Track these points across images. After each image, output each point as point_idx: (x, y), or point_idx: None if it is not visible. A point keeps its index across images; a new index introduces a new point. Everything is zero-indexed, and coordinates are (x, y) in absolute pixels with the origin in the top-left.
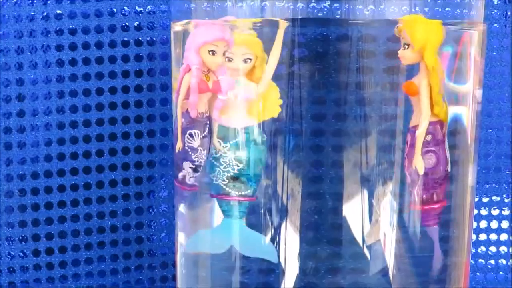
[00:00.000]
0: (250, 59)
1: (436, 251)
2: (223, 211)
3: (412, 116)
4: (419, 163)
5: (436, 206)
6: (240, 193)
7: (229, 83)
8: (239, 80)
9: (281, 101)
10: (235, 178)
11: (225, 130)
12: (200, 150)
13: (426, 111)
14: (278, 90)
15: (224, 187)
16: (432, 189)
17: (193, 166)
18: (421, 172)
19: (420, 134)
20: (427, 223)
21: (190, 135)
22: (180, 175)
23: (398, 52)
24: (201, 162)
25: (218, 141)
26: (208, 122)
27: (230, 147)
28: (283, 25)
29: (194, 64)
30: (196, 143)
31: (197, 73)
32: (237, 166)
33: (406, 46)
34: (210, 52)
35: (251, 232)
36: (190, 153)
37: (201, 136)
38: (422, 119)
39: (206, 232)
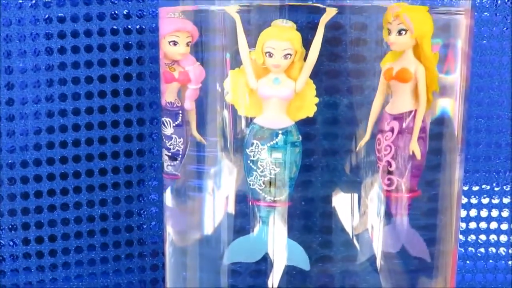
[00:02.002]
0: (290, 55)
1: (414, 240)
2: (260, 217)
3: (393, 103)
4: (417, 149)
5: (411, 194)
6: (275, 199)
7: (201, 73)
8: (278, 77)
9: (317, 99)
10: (271, 183)
11: (263, 131)
12: (175, 138)
13: (425, 97)
14: (315, 87)
15: (261, 192)
16: (415, 177)
17: (169, 154)
18: (419, 157)
19: (419, 120)
20: (400, 211)
21: (163, 123)
22: (164, 165)
23: (390, 37)
24: (178, 150)
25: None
26: (180, 112)
27: (268, 150)
28: (329, 13)
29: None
30: (168, 130)
31: (161, 64)
32: (274, 170)
33: (404, 32)
34: (171, 43)
35: (287, 240)
36: (165, 141)
37: (174, 125)
38: (421, 105)
39: (243, 240)
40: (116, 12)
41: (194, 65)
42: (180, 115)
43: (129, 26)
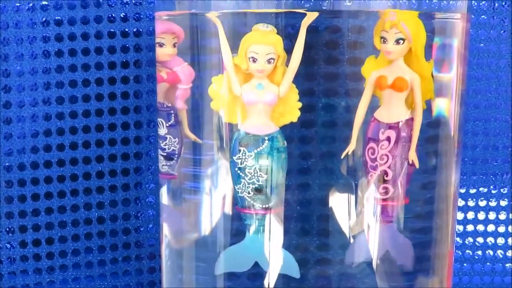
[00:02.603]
0: (274, 59)
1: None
2: (248, 226)
3: (388, 111)
4: (416, 158)
5: (402, 202)
6: (263, 206)
7: (190, 73)
8: (261, 83)
9: (300, 104)
10: (259, 190)
11: (249, 138)
12: (170, 138)
13: (421, 106)
14: (297, 92)
15: (249, 199)
16: (406, 185)
17: (164, 154)
18: (418, 165)
19: (418, 128)
20: (387, 219)
21: (157, 124)
22: (160, 165)
23: (387, 46)
24: (173, 150)
25: (242, 149)
26: (172, 112)
27: (254, 156)
28: (310, 17)
29: None
30: (162, 131)
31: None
32: (261, 177)
33: (402, 41)
34: (157, 45)
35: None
36: (159, 141)
37: (167, 125)
38: (418, 114)
39: (234, 250)
40: (113, 15)
41: (183, 65)
42: (173, 115)
43: (126, 29)
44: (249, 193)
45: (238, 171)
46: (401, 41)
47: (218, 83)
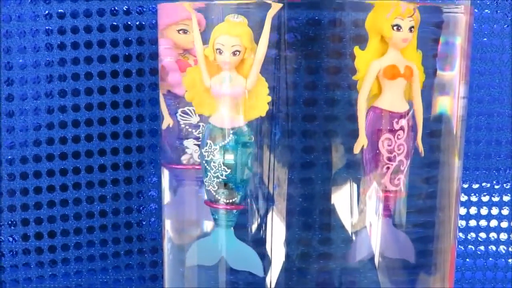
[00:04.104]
0: (239, 51)
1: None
2: (214, 220)
3: (398, 101)
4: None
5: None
6: (228, 201)
7: None
8: (230, 75)
9: (269, 98)
10: (224, 184)
11: (215, 130)
12: (202, 126)
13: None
14: (267, 85)
15: (214, 193)
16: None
17: (199, 143)
18: (423, 153)
19: (421, 115)
20: (387, 212)
21: (185, 112)
22: (185, 157)
23: (401, 34)
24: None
25: (209, 142)
26: None
27: (219, 150)
28: (275, 8)
29: (163, 45)
30: (194, 119)
31: (169, 53)
32: (225, 171)
33: (412, 29)
34: (181, 31)
35: (240, 244)
36: (190, 130)
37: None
38: (419, 101)
39: (200, 244)
40: (116, 8)
41: None
42: None
43: (129, 22)
44: (214, 187)
45: (205, 164)
46: (412, 29)
47: (191, 74)
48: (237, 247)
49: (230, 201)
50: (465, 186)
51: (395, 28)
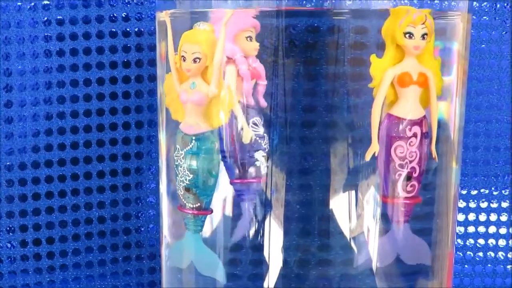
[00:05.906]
0: (199, 59)
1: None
2: (184, 224)
3: (411, 108)
4: (435, 151)
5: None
6: (193, 206)
7: (263, 68)
8: (195, 81)
9: (232, 105)
10: (187, 189)
11: (182, 136)
12: (266, 136)
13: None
14: (233, 93)
15: (182, 198)
16: (419, 183)
17: (265, 155)
18: (436, 159)
19: (436, 122)
20: (400, 218)
21: (254, 123)
22: (252, 169)
23: (413, 41)
24: (269, 149)
25: (178, 147)
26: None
27: (185, 155)
28: (226, 15)
29: (238, 53)
30: (261, 129)
31: (245, 61)
32: (188, 176)
33: (425, 36)
34: (248, 38)
35: (206, 250)
36: (259, 141)
37: (262, 123)
38: (435, 108)
39: (174, 246)
40: (115, 14)
41: (257, 62)
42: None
43: (128, 29)
44: (181, 191)
45: (175, 169)
46: (425, 36)
47: (168, 81)
48: (203, 252)
49: (195, 206)
50: (464, 192)
51: (407, 35)
